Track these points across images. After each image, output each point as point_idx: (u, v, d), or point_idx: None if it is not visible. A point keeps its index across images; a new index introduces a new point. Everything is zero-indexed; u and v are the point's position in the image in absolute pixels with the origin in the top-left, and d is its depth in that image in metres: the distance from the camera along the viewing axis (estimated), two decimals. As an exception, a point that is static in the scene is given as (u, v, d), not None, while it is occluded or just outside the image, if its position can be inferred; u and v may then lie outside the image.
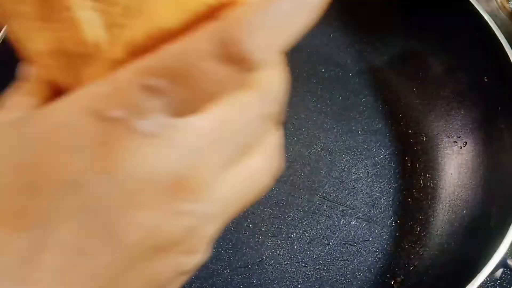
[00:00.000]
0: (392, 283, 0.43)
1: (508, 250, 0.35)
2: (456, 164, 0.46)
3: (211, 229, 0.20)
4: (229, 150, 0.20)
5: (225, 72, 0.18)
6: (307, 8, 0.19)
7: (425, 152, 0.47)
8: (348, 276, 0.43)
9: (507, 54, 0.40)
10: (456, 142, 0.46)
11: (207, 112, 0.19)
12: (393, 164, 0.47)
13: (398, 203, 0.46)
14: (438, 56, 0.47)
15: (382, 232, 0.45)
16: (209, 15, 0.20)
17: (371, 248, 0.44)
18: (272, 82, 0.21)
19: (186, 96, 0.18)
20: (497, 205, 0.39)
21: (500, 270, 0.35)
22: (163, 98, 0.18)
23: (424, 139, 0.48)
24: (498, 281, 0.43)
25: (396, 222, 0.45)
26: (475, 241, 0.39)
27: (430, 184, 0.46)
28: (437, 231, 0.44)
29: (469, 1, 0.41)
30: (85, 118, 0.18)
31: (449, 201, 0.45)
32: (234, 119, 0.20)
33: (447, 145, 0.46)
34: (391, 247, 0.44)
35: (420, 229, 0.45)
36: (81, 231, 0.18)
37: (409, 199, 0.46)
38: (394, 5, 0.37)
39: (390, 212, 0.45)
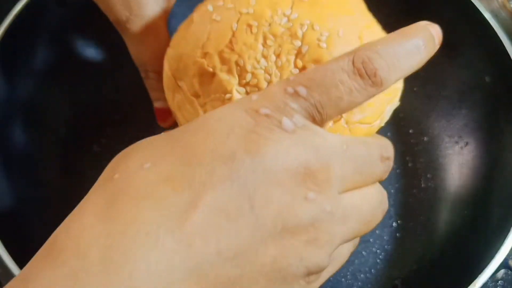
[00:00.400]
0: (393, 283, 0.43)
1: (510, 251, 0.34)
2: (457, 164, 0.45)
3: (333, 230, 0.23)
4: (349, 168, 0.24)
5: (355, 84, 0.24)
6: (421, 51, 0.26)
7: (426, 152, 0.47)
8: (348, 277, 0.43)
9: (508, 54, 0.39)
10: (458, 142, 0.46)
11: (339, 135, 0.25)
12: (394, 164, 0.47)
13: (399, 203, 0.46)
14: (438, 55, 0.47)
15: (383, 233, 0.45)
16: None
17: (372, 249, 0.44)
18: (387, 143, 0.27)
19: (321, 101, 0.23)
20: (499, 206, 0.39)
21: (502, 271, 0.35)
22: (302, 102, 0.23)
23: (425, 139, 0.48)
24: (500, 282, 0.43)
25: (397, 222, 0.45)
26: (476, 242, 0.39)
27: (431, 185, 0.46)
28: (438, 232, 0.44)
29: (470, 1, 0.41)
30: (241, 113, 0.23)
31: (450, 201, 0.45)
32: (358, 147, 0.25)
33: (448, 145, 0.46)
34: (392, 247, 0.44)
35: (421, 230, 0.45)
36: (227, 199, 0.21)
37: (410, 200, 0.46)
38: (394, 4, 0.37)
39: (391, 212, 0.45)
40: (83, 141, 0.48)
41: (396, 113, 0.35)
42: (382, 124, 0.32)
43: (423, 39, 0.26)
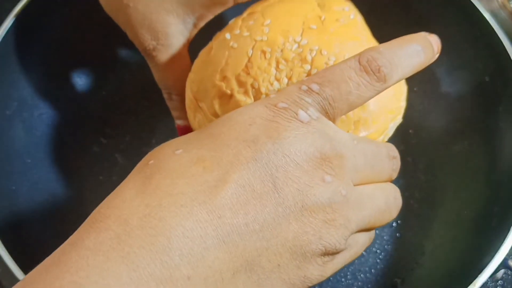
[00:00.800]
0: (393, 283, 0.43)
1: (510, 251, 0.34)
2: (457, 164, 0.45)
3: (348, 214, 0.25)
4: (361, 160, 0.27)
5: (362, 79, 0.27)
6: (420, 55, 0.29)
7: (426, 152, 0.47)
8: (348, 276, 0.43)
9: (508, 54, 0.39)
10: (457, 142, 0.46)
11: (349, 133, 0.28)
12: (394, 164, 0.47)
13: (399, 203, 0.46)
14: (439, 55, 0.47)
15: (383, 233, 0.45)
16: None
17: (372, 249, 0.44)
18: (392, 145, 0.30)
19: (332, 95, 0.26)
20: (499, 206, 0.39)
21: (502, 271, 0.35)
22: (315, 96, 0.26)
23: (425, 139, 0.48)
24: (499, 282, 0.43)
25: (397, 222, 0.45)
26: (476, 242, 0.39)
27: (431, 185, 0.46)
28: (438, 232, 0.44)
29: (470, 1, 0.41)
30: (261, 107, 0.26)
31: (450, 201, 0.45)
32: (367, 144, 0.28)
33: (448, 145, 0.46)
34: (392, 247, 0.44)
35: (421, 230, 0.45)
36: (252, 176, 0.24)
37: (410, 200, 0.46)
38: (393, 4, 0.37)
39: (391, 212, 0.45)
40: (83, 141, 0.48)
41: (396, 113, 0.35)
42: (386, 140, 0.34)
43: (421, 45, 0.29)
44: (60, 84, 0.47)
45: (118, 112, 0.49)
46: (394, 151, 0.30)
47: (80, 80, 0.49)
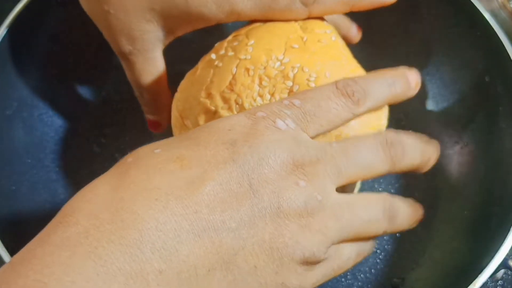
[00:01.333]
0: (392, 283, 0.43)
1: (510, 251, 0.34)
2: (457, 165, 0.45)
3: (324, 220, 0.26)
4: (341, 161, 0.27)
5: (339, 101, 0.28)
6: (391, 88, 0.31)
7: (426, 152, 0.47)
8: (348, 277, 0.43)
9: (508, 54, 0.39)
10: (457, 142, 0.46)
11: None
12: (394, 164, 0.47)
13: (399, 203, 0.45)
14: (438, 55, 0.47)
15: (382, 233, 0.45)
16: None
17: (372, 249, 0.44)
18: (391, 134, 0.30)
19: (313, 110, 0.28)
20: (499, 206, 0.39)
21: (502, 271, 0.34)
22: (295, 110, 0.27)
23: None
24: (499, 282, 0.43)
25: (397, 222, 0.45)
26: (476, 242, 0.39)
27: (431, 185, 0.46)
28: (438, 232, 0.44)
29: (470, 1, 0.41)
30: (242, 117, 0.27)
31: (450, 201, 0.45)
32: (348, 142, 0.28)
33: (448, 145, 0.46)
34: (391, 247, 0.44)
35: (421, 230, 0.45)
36: (229, 176, 0.24)
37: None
38: (393, 5, 0.37)
39: (391, 212, 0.45)
40: (83, 141, 0.48)
41: (396, 113, 0.35)
42: None
43: (394, 80, 0.31)
44: (60, 84, 0.47)
45: (118, 112, 0.49)
46: (391, 137, 0.30)
47: (80, 80, 0.49)
